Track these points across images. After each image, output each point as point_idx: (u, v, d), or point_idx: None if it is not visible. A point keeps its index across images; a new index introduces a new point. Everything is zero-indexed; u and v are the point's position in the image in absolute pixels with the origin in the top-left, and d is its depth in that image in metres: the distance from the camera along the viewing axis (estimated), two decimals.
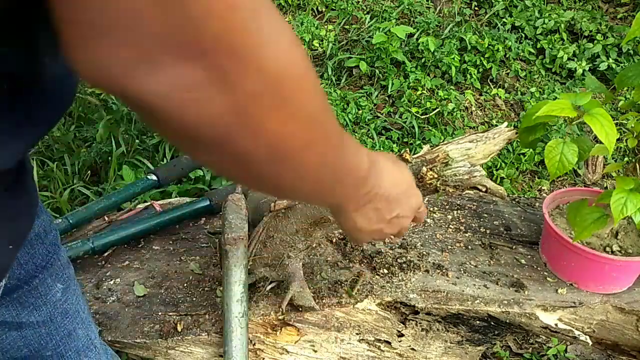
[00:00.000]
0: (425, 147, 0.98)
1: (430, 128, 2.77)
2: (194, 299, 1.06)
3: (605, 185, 2.52)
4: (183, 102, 0.37)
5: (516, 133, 1.02)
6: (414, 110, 2.83)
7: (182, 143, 0.43)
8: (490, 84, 3.14)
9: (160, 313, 1.03)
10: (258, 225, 1.01)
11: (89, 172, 2.19)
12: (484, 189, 0.95)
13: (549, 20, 3.26)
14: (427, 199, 1.35)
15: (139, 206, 1.33)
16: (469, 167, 0.92)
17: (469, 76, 3.06)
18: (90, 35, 0.34)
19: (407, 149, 1.02)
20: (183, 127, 0.39)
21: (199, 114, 0.38)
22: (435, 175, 0.92)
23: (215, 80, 0.37)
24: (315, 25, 3.25)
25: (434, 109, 2.81)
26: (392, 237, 0.74)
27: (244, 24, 0.36)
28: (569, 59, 3.13)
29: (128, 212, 1.29)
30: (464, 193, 1.38)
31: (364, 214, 0.64)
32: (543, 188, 2.54)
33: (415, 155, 0.96)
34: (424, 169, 0.92)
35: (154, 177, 1.35)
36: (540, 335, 1.61)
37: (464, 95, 2.95)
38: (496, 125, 3.01)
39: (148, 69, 0.35)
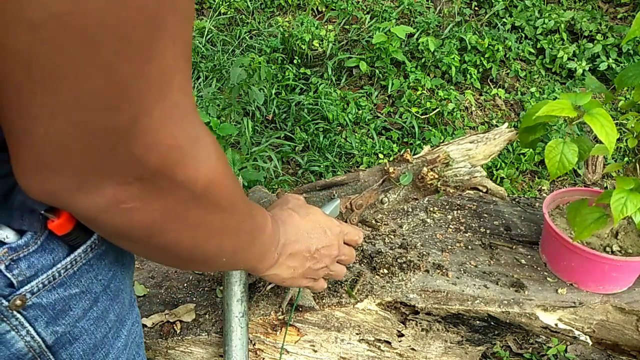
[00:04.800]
0: (426, 148, 0.98)
1: (430, 128, 2.77)
2: (194, 299, 1.06)
3: (605, 185, 2.52)
4: (117, 212, 0.42)
5: (516, 133, 1.02)
6: (414, 110, 2.83)
7: (112, 238, 0.48)
8: (490, 84, 3.14)
9: (160, 313, 1.03)
10: None
11: None
12: (484, 190, 0.95)
13: (549, 20, 3.26)
14: (427, 198, 1.35)
15: None
16: (470, 167, 0.92)
17: (469, 76, 3.06)
18: (37, 168, 0.38)
19: (408, 150, 1.02)
20: (116, 229, 0.45)
21: (130, 219, 0.43)
22: (436, 176, 0.92)
23: (149, 194, 0.42)
24: (315, 25, 3.25)
25: (434, 109, 2.81)
26: (331, 269, 0.81)
27: (181, 158, 0.41)
28: (569, 59, 3.13)
29: None
30: (464, 193, 1.38)
31: (282, 265, 0.71)
32: (543, 188, 2.54)
33: (416, 156, 0.96)
34: (425, 169, 0.92)
35: None
36: (540, 335, 1.61)
37: (464, 95, 2.95)
38: (496, 126, 3.01)
39: (88, 192, 0.40)
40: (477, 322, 1.04)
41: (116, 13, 0.32)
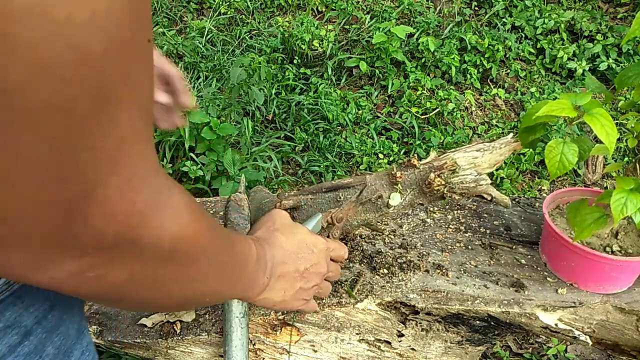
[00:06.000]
0: (433, 154, 0.99)
1: (430, 128, 2.77)
2: None
3: (605, 185, 2.52)
4: (81, 282, 0.39)
5: (516, 133, 1.02)
6: (414, 110, 2.83)
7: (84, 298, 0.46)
8: (490, 84, 3.14)
9: (160, 313, 1.03)
10: None
11: None
12: (489, 198, 0.95)
13: (549, 20, 3.26)
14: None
15: None
16: (476, 175, 0.93)
17: (469, 76, 3.06)
18: None
19: (416, 155, 1.02)
20: (82, 295, 0.43)
21: (97, 287, 0.41)
22: (443, 182, 0.92)
23: (113, 262, 0.39)
24: (315, 25, 3.25)
25: (434, 109, 2.81)
26: (320, 287, 0.81)
27: (143, 222, 0.39)
28: (569, 59, 3.13)
29: None
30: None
31: (273, 289, 0.70)
32: (543, 188, 2.54)
33: (423, 161, 0.97)
34: (432, 175, 0.92)
35: None
36: (540, 335, 1.61)
37: (464, 95, 2.95)
38: (496, 126, 3.00)
39: (45, 268, 0.37)
40: (477, 322, 1.05)
41: (59, 90, 0.30)
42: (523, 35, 3.32)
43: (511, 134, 1.02)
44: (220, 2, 3.55)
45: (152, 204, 0.39)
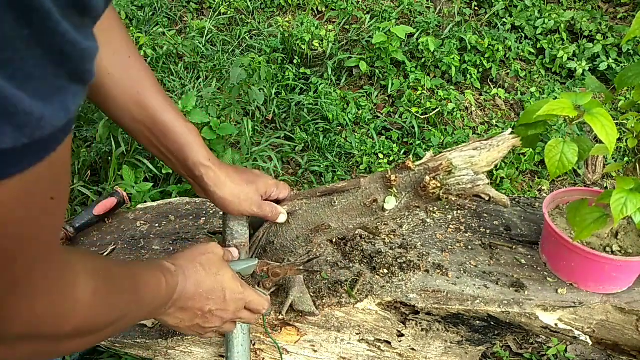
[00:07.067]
0: (428, 154, 0.96)
1: (430, 128, 2.77)
2: None
3: (605, 185, 2.52)
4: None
5: (513, 128, 1.02)
6: (414, 110, 2.83)
7: None
8: (490, 84, 3.14)
9: None
10: (258, 231, 1.01)
11: (89, 172, 2.19)
12: (487, 198, 0.93)
13: (549, 20, 3.26)
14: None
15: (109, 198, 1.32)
16: (473, 175, 0.90)
17: (469, 76, 3.06)
18: None
19: (410, 157, 1.00)
20: None
21: None
22: (439, 184, 0.89)
23: (14, 347, 0.44)
24: (315, 25, 3.25)
25: (434, 109, 2.81)
26: (220, 328, 0.83)
27: (41, 321, 0.43)
28: (569, 59, 3.13)
29: (98, 203, 1.28)
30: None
31: (170, 315, 0.74)
32: (543, 188, 2.54)
33: (418, 163, 0.94)
34: (427, 177, 0.89)
35: None
36: (540, 335, 1.61)
37: (464, 95, 2.95)
38: (496, 126, 3.00)
39: None
40: (477, 322, 1.04)
41: None
42: (523, 35, 3.32)
43: (509, 130, 1.00)
44: (220, 2, 3.55)
45: (53, 304, 0.43)
